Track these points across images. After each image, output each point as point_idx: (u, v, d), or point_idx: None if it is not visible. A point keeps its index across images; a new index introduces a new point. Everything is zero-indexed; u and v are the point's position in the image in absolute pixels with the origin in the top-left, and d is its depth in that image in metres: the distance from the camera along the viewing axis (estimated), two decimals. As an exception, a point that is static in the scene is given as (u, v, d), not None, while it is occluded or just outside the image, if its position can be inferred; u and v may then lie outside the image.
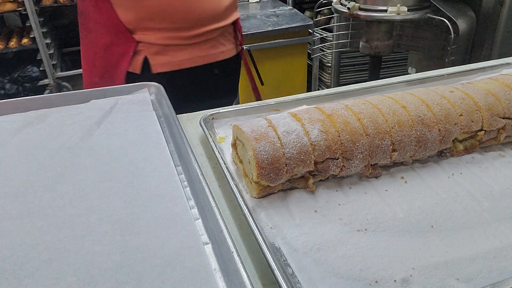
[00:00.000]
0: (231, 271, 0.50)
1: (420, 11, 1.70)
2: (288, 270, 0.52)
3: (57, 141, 0.79)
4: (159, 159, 0.74)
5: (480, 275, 0.52)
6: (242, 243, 0.59)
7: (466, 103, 0.74)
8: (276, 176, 0.62)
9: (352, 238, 0.57)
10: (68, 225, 0.59)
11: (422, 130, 0.70)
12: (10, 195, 0.66)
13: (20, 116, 0.87)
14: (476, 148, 0.76)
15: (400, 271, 0.52)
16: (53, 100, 0.92)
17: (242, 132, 0.67)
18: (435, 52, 1.88)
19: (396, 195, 0.66)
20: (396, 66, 2.83)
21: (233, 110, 0.87)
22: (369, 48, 1.83)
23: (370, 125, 0.68)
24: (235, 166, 0.73)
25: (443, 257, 0.55)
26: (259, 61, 2.27)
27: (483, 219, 0.61)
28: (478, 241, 0.57)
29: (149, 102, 0.92)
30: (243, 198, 0.62)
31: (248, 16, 2.32)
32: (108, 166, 0.72)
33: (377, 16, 1.71)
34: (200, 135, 0.85)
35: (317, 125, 0.66)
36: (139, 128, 0.83)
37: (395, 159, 0.70)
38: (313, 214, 0.62)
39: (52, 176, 0.70)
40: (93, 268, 0.52)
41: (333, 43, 2.45)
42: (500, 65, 1.04)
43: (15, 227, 0.59)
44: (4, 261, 0.54)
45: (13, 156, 0.75)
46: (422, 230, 0.59)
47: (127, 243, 0.56)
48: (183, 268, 0.52)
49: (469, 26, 1.71)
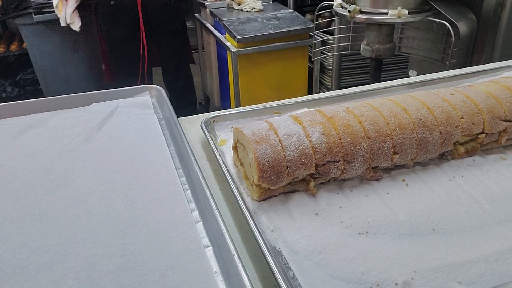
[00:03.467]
0: (232, 274, 0.50)
1: (421, 14, 1.70)
2: (289, 273, 0.52)
3: (58, 144, 0.79)
4: (160, 162, 0.74)
5: (481, 278, 0.52)
6: (243, 246, 0.59)
7: (467, 106, 0.74)
8: (277, 179, 0.62)
9: (353, 241, 0.57)
10: (69, 228, 0.59)
11: (423, 133, 0.70)
12: (11, 197, 0.66)
13: (21, 119, 0.87)
14: (477, 151, 0.76)
15: (401, 274, 0.52)
16: (54, 103, 0.92)
17: (243, 134, 0.67)
18: (436, 55, 1.88)
19: (397, 198, 0.66)
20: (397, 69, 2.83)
21: (234, 113, 0.87)
22: (370, 51, 1.83)
23: (371, 128, 0.68)
24: (236, 169, 0.73)
25: (444, 260, 0.54)
26: (260, 64, 2.28)
27: (485, 222, 0.61)
28: (479, 244, 0.57)
29: (150, 105, 0.93)
30: (244, 201, 0.62)
31: (249, 19, 2.32)
32: (109, 169, 0.72)
33: (378, 19, 1.71)
34: (201, 137, 0.85)
35: (318, 128, 0.66)
36: (140, 131, 0.83)
37: (396, 162, 0.70)
38: (314, 217, 0.62)
39: (53, 179, 0.70)
40: (94, 271, 0.52)
41: (334, 46, 2.45)
42: (501, 68, 1.04)
43: (16, 230, 0.59)
44: (5, 264, 0.54)
45: (14, 159, 0.75)
46: (424, 233, 0.59)
47: (128, 245, 0.56)
48: (184, 271, 0.52)
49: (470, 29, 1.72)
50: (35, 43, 2.72)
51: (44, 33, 2.69)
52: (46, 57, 2.77)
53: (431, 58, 1.92)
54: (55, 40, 2.73)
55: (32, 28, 2.66)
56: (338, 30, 2.35)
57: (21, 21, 2.64)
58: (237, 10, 2.56)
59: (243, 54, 2.19)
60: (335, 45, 2.42)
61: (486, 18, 1.74)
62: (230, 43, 2.26)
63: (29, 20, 2.63)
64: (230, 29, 2.20)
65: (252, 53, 2.21)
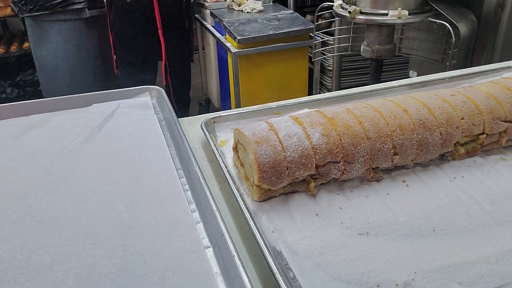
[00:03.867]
0: (232, 275, 0.50)
1: (421, 14, 1.71)
2: (289, 274, 0.52)
3: (58, 144, 0.79)
4: (161, 163, 0.74)
5: (482, 279, 0.52)
6: (243, 247, 0.59)
7: (468, 107, 0.74)
8: (277, 180, 0.62)
9: (354, 242, 0.57)
10: (69, 228, 0.59)
11: (424, 134, 0.70)
12: (12, 198, 0.66)
13: (21, 120, 0.87)
14: (477, 152, 0.76)
15: (402, 275, 0.52)
16: (55, 104, 0.92)
17: (243, 135, 0.67)
18: (436, 55, 1.89)
19: (397, 198, 0.66)
20: (397, 69, 2.83)
21: (234, 113, 0.87)
22: (370, 51, 1.83)
23: (372, 129, 0.68)
24: (236, 170, 0.73)
25: (445, 261, 0.54)
26: (261, 64, 2.28)
27: (485, 223, 0.61)
28: (480, 245, 0.57)
29: (150, 105, 0.93)
30: (244, 202, 0.62)
31: (249, 20, 2.32)
32: (110, 170, 0.72)
33: (378, 20, 1.71)
34: (201, 138, 0.85)
35: (318, 129, 0.66)
36: (141, 132, 0.83)
37: (397, 163, 0.70)
38: (314, 217, 0.62)
39: (54, 179, 0.70)
40: (94, 271, 0.52)
41: (334, 47, 2.45)
42: (501, 69, 1.04)
43: (16, 231, 0.59)
44: (5, 265, 0.54)
45: (14, 160, 0.75)
46: (424, 234, 0.59)
47: (128, 246, 0.56)
48: (184, 272, 0.52)
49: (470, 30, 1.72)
50: (80, 38, 2.78)
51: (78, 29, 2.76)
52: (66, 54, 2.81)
53: (431, 59, 1.93)
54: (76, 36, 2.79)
55: (69, 24, 2.72)
56: (338, 31, 2.35)
57: (64, 16, 2.67)
58: (237, 11, 2.56)
59: (244, 55, 2.19)
60: (336, 46, 2.42)
61: (486, 19, 1.74)
62: (230, 43, 2.26)
63: (76, 15, 2.68)
64: (230, 30, 2.20)
65: (253, 54, 2.21)
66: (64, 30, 2.73)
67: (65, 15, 2.66)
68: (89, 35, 2.81)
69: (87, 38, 2.82)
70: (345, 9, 1.81)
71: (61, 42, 2.75)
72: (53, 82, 2.89)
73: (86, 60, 2.87)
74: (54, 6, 2.59)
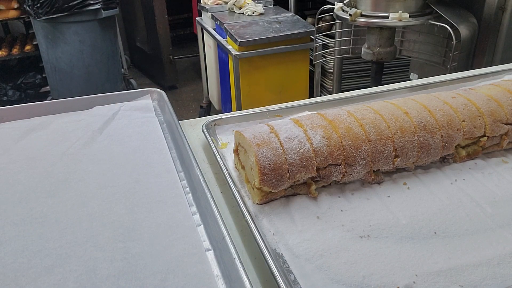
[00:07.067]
0: (233, 277, 0.50)
1: (422, 17, 1.71)
2: (290, 276, 0.52)
3: (59, 147, 0.79)
4: (161, 165, 0.74)
5: (483, 282, 0.52)
6: (244, 250, 0.59)
7: (469, 109, 0.74)
8: (278, 182, 0.62)
9: (355, 245, 0.57)
10: (70, 231, 0.59)
11: (425, 136, 0.70)
12: (13, 201, 0.66)
13: (23, 123, 0.87)
14: (478, 154, 0.76)
15: (403, 278, 0.52)
16: (56, 107, 0.92)
17: (244, 138, 0.67)
18: (437, 58, 1.88)
19: (398, 201, 0.65)
20: (398, 72, 2.83)
21: (235, 116, 0.87)
22: (371, 54, 1.83)
23: (372, 131, 0.68)
24: (237, 172, 0.73)
25: (446, 263, 0.54)
26: (261, 67, 2.28)
27: (487, 226, 0.61)
28: (481, 248, 0.57)
29: (151, 108, 0.93)
30: (245, 204, 0.62)
31: (250, 22, 2.33)
32: (110, 172, 0.72)
33: (379, 23, 1.71)
34: (202, 141, 0.85)
35: (319, 131, 0.66)
36: (142, 134, 0.83)
37: (398, 165, 0.70)
38: (315, 220, 0.62)
39: (55, 182, 0.70)
40: (95, 274, 0.52)
41: (335, 49, 2.45)
42: (502, 71, 1.04)
43: (17, 233, 0.59)
44: (6, 267, 0.54)
45: (15, 162, 0.75)
46: (425, 237, 0.59)
47: (129, 249, 0.56)
48: (185, 275, 0.52)
49: (471, 32, 1.71)
50: (87, 40, 2.81)
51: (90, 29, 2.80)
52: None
53: (432, 61, 1.93)
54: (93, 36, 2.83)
55: (83, 25, 2.75)
56: (339, 34, 2.36)
57: (80, 18, 2.70)
58: (238, 14, 2.56)
59: (245, 58, 2.19)
60: (336, 48, 2.42)
61: (487, 21, 1.74)
62: (231, 46, 2.26)
63: (92, 16, 2.72)
64: (231, 33, 2.21)
65: (253, 57, 2.21)
66: (80, 31, 2.76)
67: (81, 16, 2.70)
68: (103, 35, 2.85)
69: (101, 39, 2.85)
70: (346, 11, 1.81)
71: (77, 43, 2.78)
72: (68, 83, 2.90)
73: (100, 60, 2.90)
74: (71, 7, 2.62)
